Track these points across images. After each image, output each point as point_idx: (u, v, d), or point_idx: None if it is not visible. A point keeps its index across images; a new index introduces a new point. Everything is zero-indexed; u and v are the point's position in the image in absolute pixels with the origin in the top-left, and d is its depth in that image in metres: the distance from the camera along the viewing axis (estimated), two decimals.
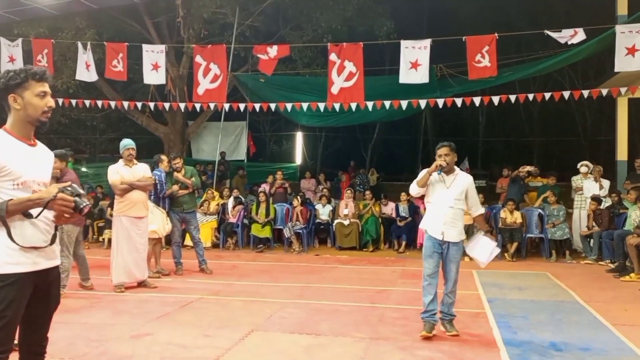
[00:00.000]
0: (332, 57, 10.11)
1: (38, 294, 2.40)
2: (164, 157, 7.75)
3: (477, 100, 10.15)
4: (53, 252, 2.48)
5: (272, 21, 13.78)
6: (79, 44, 10.52)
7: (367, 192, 10.99)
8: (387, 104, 10.25)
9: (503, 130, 22.60)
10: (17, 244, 2.30)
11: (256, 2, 12.87)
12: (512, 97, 9.92)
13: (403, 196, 10.29)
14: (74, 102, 11.26)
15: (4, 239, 2.30)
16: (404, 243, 9.87)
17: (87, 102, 11.26)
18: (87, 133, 16.52)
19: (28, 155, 2.41)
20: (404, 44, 9.62)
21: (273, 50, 10.44)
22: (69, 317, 5.11)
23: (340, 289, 6.73)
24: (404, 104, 10.17)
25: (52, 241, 2.46)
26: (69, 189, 2.33)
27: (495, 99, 9.91)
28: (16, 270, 2.30)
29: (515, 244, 9.06)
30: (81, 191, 2.37)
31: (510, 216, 9.27)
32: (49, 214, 2.39)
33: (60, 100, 10.91)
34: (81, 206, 2.32)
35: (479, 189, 6.62)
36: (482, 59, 9.31)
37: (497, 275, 7.52)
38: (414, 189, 4.82)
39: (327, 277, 7.50)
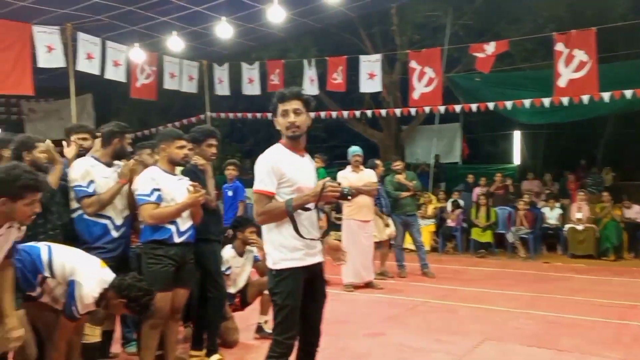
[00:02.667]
0: (559, 47, 9.27)
1: (307, 290, 2.68)
2: (378, 162, 7.92)
3: None
4: (318, 249, 2.75)
5: (486, 18, 13.21)
6: (305, 62, 11.50)
7: (605, 194, 9.78)
8: (629, 93, 8.98)
9: None
10: (303, 237, 2.62)
11: (469, 0, 12.50)
12: None
13: None
14: None
15: (277, 236, 2.65)
16: None
17: (311, 115, 12.26)
18: (310, 142, 17.96)
19: (299, 165, 2.73)
20: None
21: (490, 47, 10.00)
22: None
23: (578, 301, 6.10)
24: None
25: (323, 235, 2.77)
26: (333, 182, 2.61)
27: None
28: (289, 266, 2.63)
29: None
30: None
31: None
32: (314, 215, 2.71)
33: None
34: (345, 191, 2.58)
35: None
36: None
37: None
38: None
39: (561, 287, 6.86)
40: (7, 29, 7.88)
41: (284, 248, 2.64)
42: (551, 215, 9.90)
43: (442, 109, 11.05)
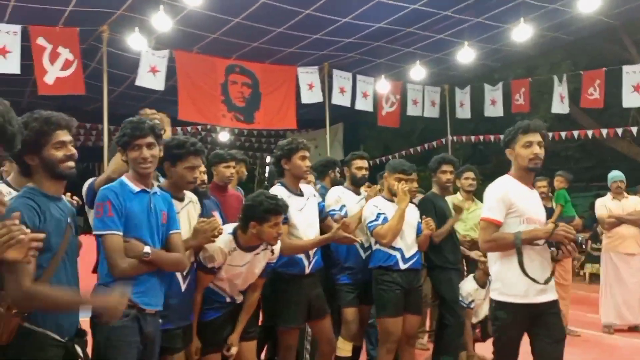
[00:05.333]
0: None
1: (538, 327, 2.66)
2: None
3: None
4: (546, 287, 2.67)
5: None
6: (554, 78, 10.71)
7: None
8: None
9: None
10: (526, 274, 2.57)
11: None
12: None
13: None
14: (550, 134, 11.50)
15: (500, 268, 2.72)
16: None
17: (562, 134, 11.31)
18: (562, 163, 16.51)
19: (528, 196, 2.77)
20: None
21: None
22: None
23: None
24: None
25: (547, 282, 2.65)
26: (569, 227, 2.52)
27: None
28: (508, 300, 2.66)
29: None
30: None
31: None
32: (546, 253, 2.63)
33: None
34: (579, 240, 2.50)
35: None
36: None
37: None
38: None
39: None
40: (277, 72, 9.27)
41: (506, 281, 2.67)
42: None
43: None
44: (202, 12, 7.26)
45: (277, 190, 3.42)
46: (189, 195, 2.84)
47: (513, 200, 2.69)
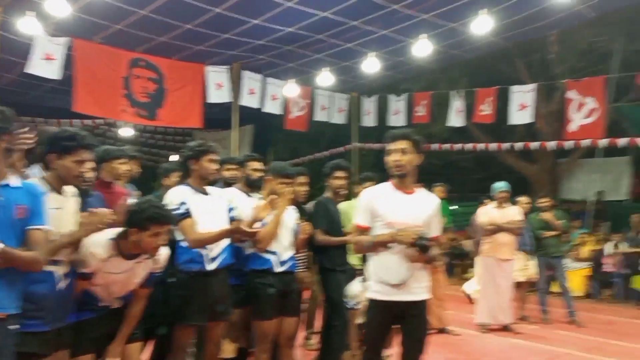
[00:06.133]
0: None
1: (402, 326, 2.92)
2: (522, 198, 7.47)
3: None
4: (409, 287, 2.89)
5: None
6: (452, 93, 11.40)
7: None
8: None
9: None
10: (378, 275, 2.92)
11: None
12: None
13: None
14: (446, 146, 12.24)
15: (370, 267, 2.98)
16: None
17: (457, 146, 12.07)
18: (458, 174, 17.54)
19: (401, 202, 2.96)
20: None
21: None
22: (433, 349, 5.51)
23: None
24: None
25: (401, 283, 2.88)
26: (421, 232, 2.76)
27: None
28: (374, 297, 2.94)
29: None
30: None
31: None
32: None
33: (434, 145, 12.10)
34: (422, 243, 2.72)
35: None
36: None
37: None
38: None
39: None
40: (185, 69, 9.10)
41: (371, 280, 2.95)
42: None
43: (603, 142, 10.14)
44: (106, 0, 7.01)
45: (181, 189, 3.42)
46: (68, 189, 2.74)
47: (376, 207, 2.92)
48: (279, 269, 3.68)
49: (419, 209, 2.95)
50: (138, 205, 2.83)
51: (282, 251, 3.71)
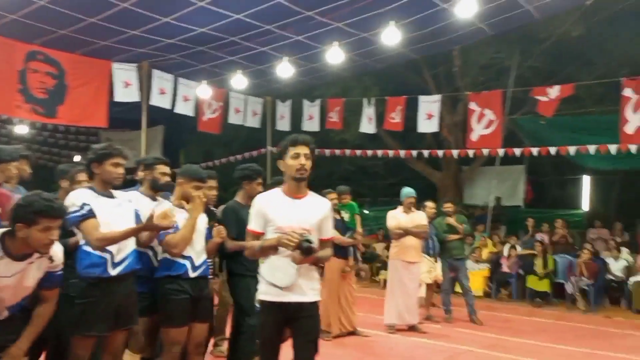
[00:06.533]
0: (627, 92, 8.92)
1: (291, 325, 2.95)
2: (428, 203, 7.80)
3: None
4: (298, 289, 2.92)
5: (555, 60, 12.94)
6: (364, 100, 11.70)
7: None
8: None
9: None
10: (264, 278, 2.96)
11: (538, 41, 12.30)
12: None
13: None
14: (358, 152, 12.53)
15: (262, 270, 2.99)
16: None
17: (369, 152, 12.39)
18: (370, 179, 18.02)
19: (291, 207, 2.97)
20: None
21: (554, 91, 9.76)
22: (343, 351, 5.59)
23: None
24: None
25: (288, 285, 2.90)
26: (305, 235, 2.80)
27: None
28: (263, 299, 2.95)
29: None
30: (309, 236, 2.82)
31: None
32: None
33: (347, 151, 12.36)
34: (304, 246, 2.76)
35: None
36: None
37: None
38: None
39: (618, 345, 6.47)
40: (88, 64, 8.61)
41: (263, 282, 2.97)
42: (616, 266, 9.38)
43: (501, 151, 10.85)
44: None
45: (83, 192, 3.26)
46: None
47: (266, 212, 2.96)
48: (193, 274, 3.59)
49: (309, 213, 2.98)
50: (24, 199, 2.64)
51: (195, 256, 3.62)
